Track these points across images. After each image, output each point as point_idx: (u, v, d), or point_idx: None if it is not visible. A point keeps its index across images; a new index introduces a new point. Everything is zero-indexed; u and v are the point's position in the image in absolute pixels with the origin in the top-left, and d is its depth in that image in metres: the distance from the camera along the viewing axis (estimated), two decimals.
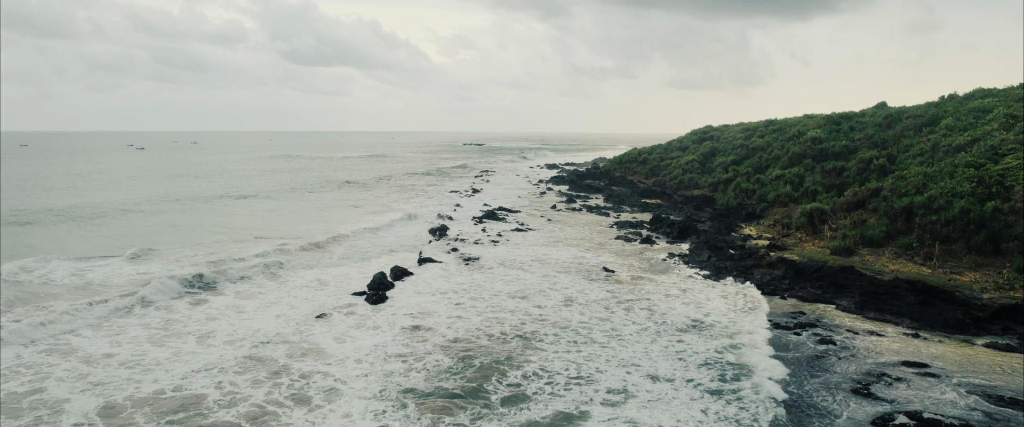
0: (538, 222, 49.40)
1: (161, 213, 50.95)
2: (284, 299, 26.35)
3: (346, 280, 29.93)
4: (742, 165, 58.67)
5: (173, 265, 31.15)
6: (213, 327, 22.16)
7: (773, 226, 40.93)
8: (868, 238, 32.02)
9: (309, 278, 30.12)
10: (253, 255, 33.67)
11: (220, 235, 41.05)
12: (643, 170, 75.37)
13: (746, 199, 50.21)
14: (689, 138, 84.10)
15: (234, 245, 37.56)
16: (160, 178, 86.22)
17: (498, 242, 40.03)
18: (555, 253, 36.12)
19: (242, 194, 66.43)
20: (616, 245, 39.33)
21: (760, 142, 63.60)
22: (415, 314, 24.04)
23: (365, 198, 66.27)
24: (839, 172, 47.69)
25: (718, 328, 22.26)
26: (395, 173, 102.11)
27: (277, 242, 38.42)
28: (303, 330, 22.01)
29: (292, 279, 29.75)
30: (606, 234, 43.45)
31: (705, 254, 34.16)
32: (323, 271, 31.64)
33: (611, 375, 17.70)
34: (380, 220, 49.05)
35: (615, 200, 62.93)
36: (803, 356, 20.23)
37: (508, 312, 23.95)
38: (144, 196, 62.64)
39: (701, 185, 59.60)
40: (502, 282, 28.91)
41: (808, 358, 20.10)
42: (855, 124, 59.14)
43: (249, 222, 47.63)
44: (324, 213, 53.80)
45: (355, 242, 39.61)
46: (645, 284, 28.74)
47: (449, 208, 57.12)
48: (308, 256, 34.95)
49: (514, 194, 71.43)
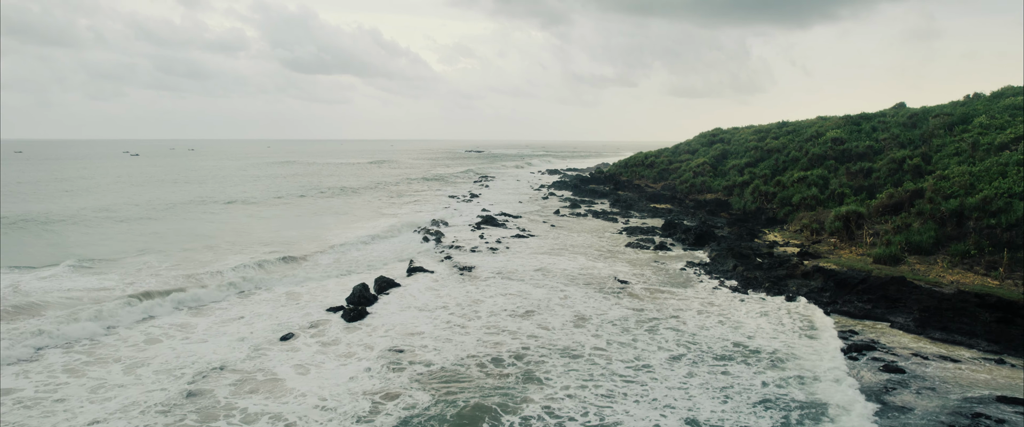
0: (541, 228, 45.63)
1: (134, 220, 47.20)
2: (246, 315, 22.56)
3: (323, 293, 26.16)
4: (758, 167, 54.96)
5: (121, 278, 27.38)
6: (150, 353, 18.36)
7: (800, 232, 37.14)
8: (915, 244, 28.22)
9: (280, 291, 26.33)
10: (224, 265, 29.92)
11: (193, 243, 37.29)
12: (650, 174, 71.64)
13: (765, 203, 46.44)
14: (697, 141, 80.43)
15: (205, 253, 33.82)
16: (145, 183, 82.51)
17: (497, 250, 36.26)
18: (561, 262, 32.33)
19: (229, 199, 62.68)
20: (628, 253, 35.53)
21: (775, 143, 59.90)
22: (396, 335, 20.23)
23: (357, 204, 62.54)
24: (867, 173, 43.94)
25: (769, 353, 18.33)
26: (392, 178, 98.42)
27: (254, 250, 34.68)
28: (260, 356, 18.22)
29: (260, 292, 25.96)
30: (615, 241, 39.65)
31: (730, 263, 30.35)
32: (299, 282, 27.87)
33: (640, 421, 13.81)
34: (371, 226, 45.31)
35: (622, 205, 59.16)
36: (869, 388, 16.40)
37: (507, 333, 20.11)
38: (122, 201, 58.91)
39: (714, 189, 55.82)
40: (501, 296, 25.08)
41: (876, 391, 16.28)
42: (877, 124, 55.51)
43: (228, 228, 43.89)
44: (312, 219, 50.06)
45: (340, 249, 35.84)
46: (667, 298, 24.90)
47: (445, 213, 53.37)
48: (285, 265, 31.18)
49: (515, 199, 67.68)
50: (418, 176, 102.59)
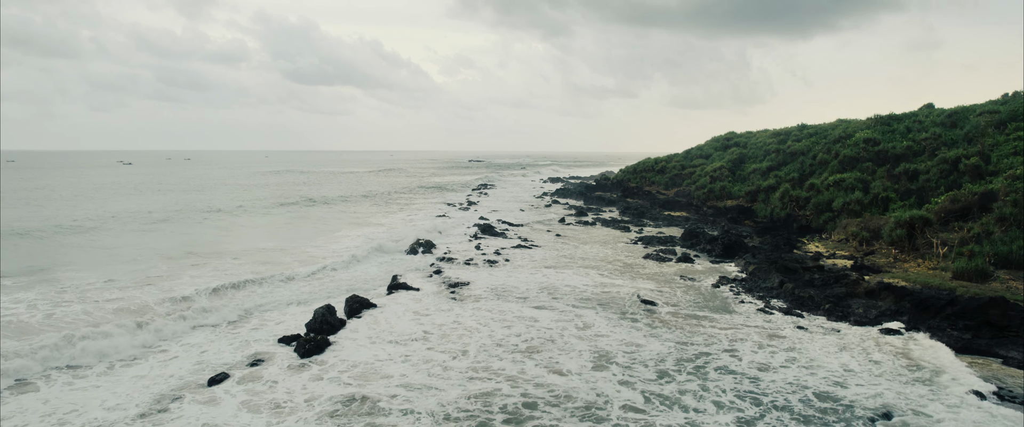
0: (545, 238, 40.66)
1: (92, 231, 42.36)
2: (172, 348, 17.64)
3: (282, 315, 21.25)
4: (782, 171, 50.07)
5: (41, 296, 22.46)
6: (20, 404, 13.40)
7: (845, 241, 32.13)
8: (1002, 256, 23.25)
9: (227, 313, 21.39)
10: (173, 285, 25.04)
11: (149, 257, 32.38)
12: (662, 180, 66.72)
13: (796, 209, 41.46)
14: (710, 145, 75.52)
15: (160, 265, 28.90)
16: (128, 193, 77.70)
17: (496, 263, 31.31)
18: (570, 278, 27.35)
19: (210, 208, 57.81)
20: (648, 266, 30.54)
21: (799, 146, 54.99)
22: (355, 377, 15.24)
23: (344, 212, 57.65)
24: (911, 176, 38.99)
25: (874, 410, 13.11)
26: (385, 188, 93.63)
27: (217, 264, 29.80)
28: (164, 412, 13.26)
29: (201, 316, 21.00)
30: (631, 253, 34.68)
31: (773, 278, 25.30)
32: (257, 303, 22.94)
33: None
34: (354, 236, 40.41)
35: (633, 213, 54.19)
36: None
37: (503, 378, 15.07)
38: (93, 212, 54.10)
39: (735, 195, 50.86)
40: (498, 323, 20.07)
41: None
42: (911, 124, 50.65)
43: (197, 240, 38.99)
44: (292, 229, 45.16)
45: (316, 263, 30.92)
46: (708, 325, 19.88)
47: (439, 221, 48.47)
48: (247, 283, 26.24)
49: (515, 206, 62.73)
50: (414, 184, 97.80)
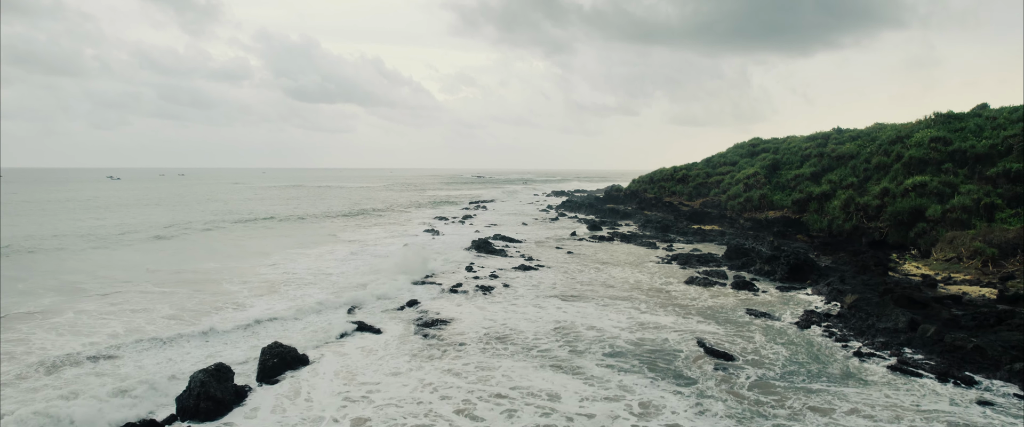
0: (554, 256, 32.97)
1: (40, 251, 34.86)
2: None
3: (161, 375, 13.58)
4: (834, 175, 42.45)
5: None
6: None
7: (957, 261, 24.37)
8: None
9: (78, 371, 13.75)
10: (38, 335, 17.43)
11: (47, 283, 24.82)
12: (684, 190, 59.06)
13: (865, 220, 33.74)
14: (734, 152, 67.92)
15: (37, 299, 21.32)
16: (93, 208, 70.23)
17: (492, 290, 23.61)
18: (594, 313, 19.63)
19: (172, 224, 50.27)
20: (695, 295, 22.81)
21: (845, 148, 47.41)
22: None
23: (315, 227, 50.10)
24: (1014, 177, 31.37)
25: None
26: (378, 204, 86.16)
27: (120, 296, 22.25)
28: None
29: (65, 368, 13.35)
30: (667, 275, 26.96)
31: (895, 316, 17.35)
32: (142, 350, 15.32)
33: None
34: (314, 255, 32.86)
35: (655, 227, 46.52)
36: None
37: None
38: (29, 230, 46.68)
39: (779, 204, 43.15)
40: (488, 402, 12.34)
41: None
42: (983, 122, 43.14)
43: (138, 261, 31.41)
44: (246, 245, 37.56)
45: (263, 291, 23.29)
46: (826, 405, 12.15)
47: (426, 238, 40.90)
48: (155, 325, 18.61)
49: (517, 220, 55.08)
50: (412, 201, 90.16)
